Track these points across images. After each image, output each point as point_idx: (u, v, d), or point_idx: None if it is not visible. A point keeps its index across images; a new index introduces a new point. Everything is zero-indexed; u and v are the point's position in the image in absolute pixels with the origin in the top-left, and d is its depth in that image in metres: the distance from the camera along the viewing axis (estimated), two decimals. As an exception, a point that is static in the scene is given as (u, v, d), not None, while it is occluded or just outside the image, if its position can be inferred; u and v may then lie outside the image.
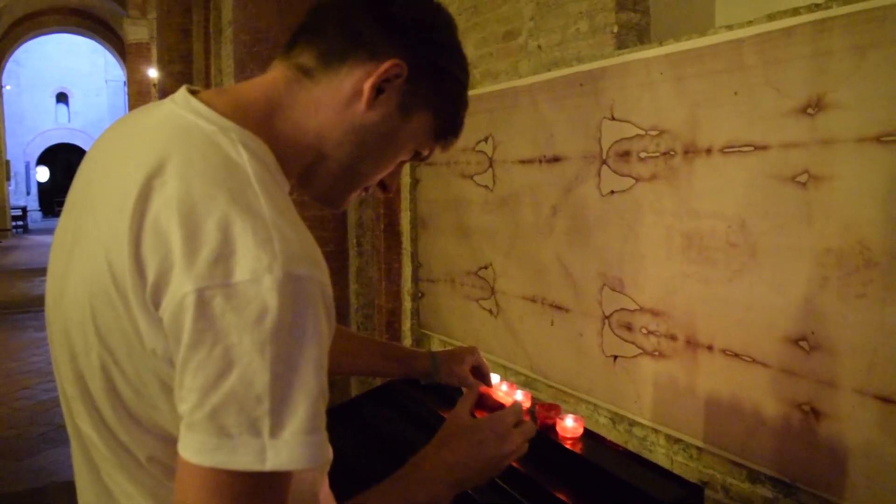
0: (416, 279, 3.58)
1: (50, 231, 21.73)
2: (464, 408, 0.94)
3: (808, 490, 1.69)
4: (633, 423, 2.25)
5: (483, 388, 1.01)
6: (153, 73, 9.00)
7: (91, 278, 0.71)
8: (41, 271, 12.65)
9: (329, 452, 0.71)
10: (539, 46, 2.59)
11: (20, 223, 20.65)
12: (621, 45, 2.21)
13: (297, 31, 0.84)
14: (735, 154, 1.79)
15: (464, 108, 0.90)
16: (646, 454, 2.22)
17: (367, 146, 0.82)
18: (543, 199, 2.54)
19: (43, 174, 28.38)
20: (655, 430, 2.15)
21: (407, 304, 3.65)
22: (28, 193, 26.37)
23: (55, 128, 26.68)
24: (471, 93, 2.85)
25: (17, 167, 24.82)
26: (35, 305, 9.11)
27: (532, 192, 2.61)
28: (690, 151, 1.92)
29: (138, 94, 11.83)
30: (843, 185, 1.56)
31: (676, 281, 2.00)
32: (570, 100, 2.36)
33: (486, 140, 2.88)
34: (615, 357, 2.26)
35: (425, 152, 0.89)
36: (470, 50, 3.02)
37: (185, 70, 7.87)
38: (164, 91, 8.38)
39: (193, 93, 0.79)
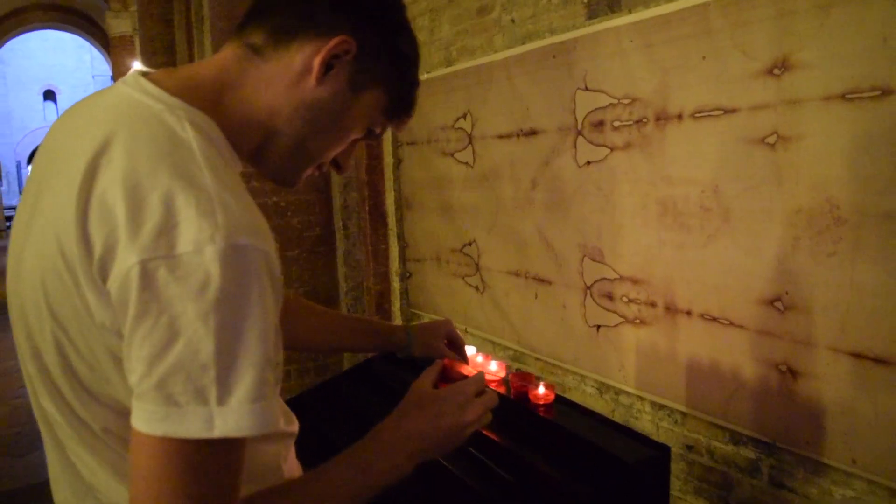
0: (403, 259, 3.59)
1: (44, 229, 21.74)
2: (426, 379, 0.95)
3: (788, 449, 1.71)
4: (618, 392, 2.27)
5: (447, 361, 1.02)
6: (137, 65, 8.96)
7: (42, 256, 0.72)
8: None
9: (278, 420, 0.71)
10: (512, 20, 2.57)
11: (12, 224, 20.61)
12: (592, 15, 2.20)
13: (249, 11, 0.85)
14: (705, 119, 1.79)
15: (415, 86, 0.90)
16: (632, 422, 2.24)
17: (318, 122, 0.83)
18: (522, 173, 2.55)
19: (34, 173, 28.29)
20: (641, 398, 2.17)
21: (395, 284, 3.66)
22: (20, 193, 26.24)
23: (44, 126, 26.47)
24: (447, 70, 2.84)
25: (7, 167, 24.77)
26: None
27: (511, 166, 2.61)
28: (662, 118, 1.92)
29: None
30: (811, 145, 1.56)
31: (654, 248, 2.01)
32: (544, 72, 2.36)
33: (464, 117, 2.87)
34: (598, 327, 2.27)
35: (378, 130, 0.90)
36: (446, 27, 3.01)
37: (168, 61, 7.81)
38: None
39: (146, 74, 0.80)
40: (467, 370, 1.26)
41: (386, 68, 0.85)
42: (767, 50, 1.62)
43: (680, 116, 1.86)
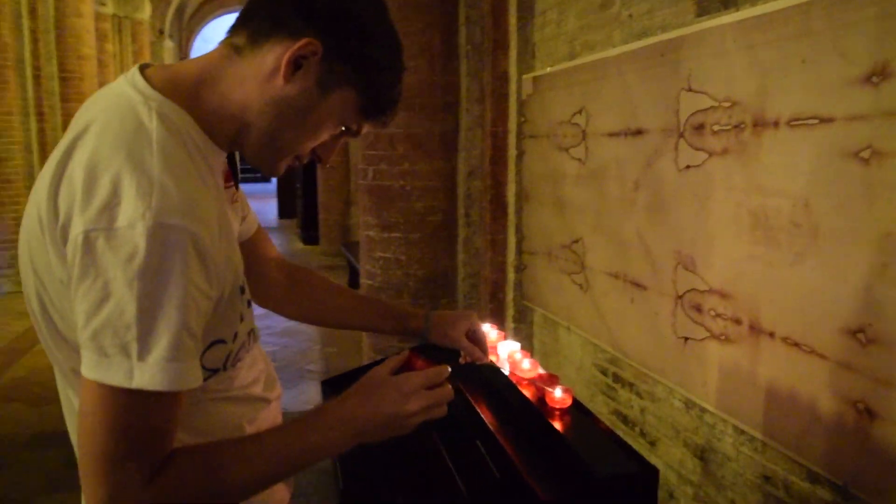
0: (519, 251, 3.59)
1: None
2: (386, 365, 0.99)
3: (857, 496, 1.57)
4: (703, 410, 2.16)
5: (413, 355, 1.04)
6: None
7: (30, 219, 0.87)
8: (219, 233, 13.88)
9: (191, 381, 0.81)
10: (630, 16, 2.49)
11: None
12: (702, 12, 2.08)
13: (239, 16, 0.93)
14: (801, 127, 1.66)
15: (389, 88, 0.94)
16: (714, 443, 2.14)
17: (286, 117, 0.90)
18: (627, 174, 2.47)
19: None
20: (724, 420, 2.06)
21: (510, 275, 3.67)
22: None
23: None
24: (568, 65, 2.83)
25: (206, 137, 27.15)
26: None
27: (617, 165, 2.54)
28: (759, 124, 1.79)
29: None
30: (907, 163, 1.40)
31: (743, 262, 1.89)
32: (653, 70, 2.27)
33: (580, 112, 2.82)
34: (686, 339, 2.17)
35: (354, 127, 0.95)
36: (571, 21, 2.96)
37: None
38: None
39: (147, 67, 0.91)
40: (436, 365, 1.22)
41: (355, 71, 0.89)
42: (866, 55, 1.46)
43: (776, 123, 1.73)
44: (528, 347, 3.61)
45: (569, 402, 1.31)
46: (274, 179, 19.06)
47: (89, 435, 0.78)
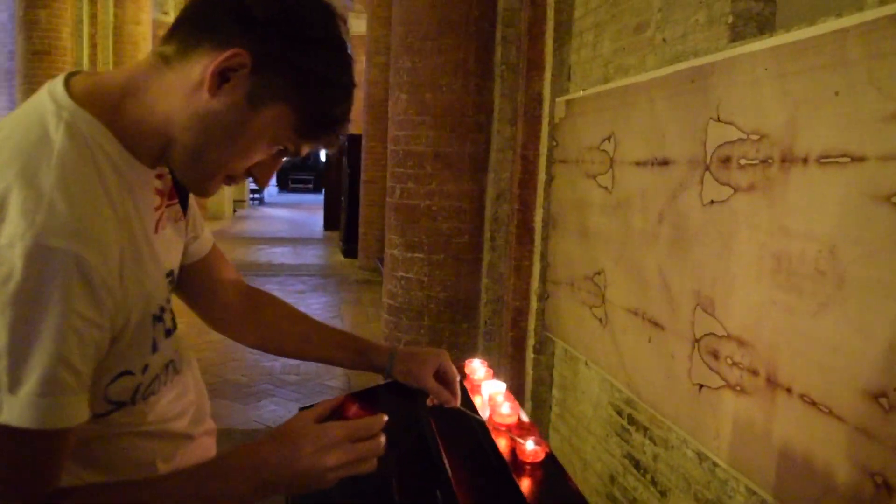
0: (543, 279, 3.46)
1: (283, 204, 24.01)
2: (312, 411, 0.88)
3: (874, 577, 1.40)
4: (716, 464, 2.00)
5: (348, 400, 0.93)
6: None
7: None
8: (263, 240, 14.05)
9: (67, 418, 0.72)
10: (664, 40, 2.37)
11: (257, 196, 23.05)
12: (737, 37, 1.95)
13: (173, 23, 0.85)
14: (831, 165, 1.51)
15: (330, 105, 0.85)
16: (725, 500, 1.98)
17: (212, 133, 0.82)
18: (651, 205, 2.34)
19: (282, 153, 31.40)
20: (736, 477, 1.90)
21: (534, 303, 3.54)
22: (269, 170, 29.31)
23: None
24: (598, 89, 2.73)
25: (259, 146, 27.67)
26: (251, 269, 10.14)
27: (642, 196, 2.41)
28: (787, 160, 1.65)
29: (359, 86, 12.61)
30: (943, 211, 1.25)
31: (764, 308, 1.74)
32: (682, 97, 2.14)
33: (608, 139, 2.70)
34: (700, 386, 2.02)
35: (291, 147, 0.86)
36: (607, 44, 2.85)
37: (388, 61, 8.25)
38: (370, 82, 8.84)
39: (73, 75, 0.84)
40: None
41: (289, 85, 0.81)
42: (904, 90, 1.32)
43: (805, 160, 1.59)
44: (547, 380, 3.48)
45: (541, 456, 1.20)
46: (322, 191, 19.18)
47: None
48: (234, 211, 19.10)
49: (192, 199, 1.09)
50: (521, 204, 3.54)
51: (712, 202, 1.96)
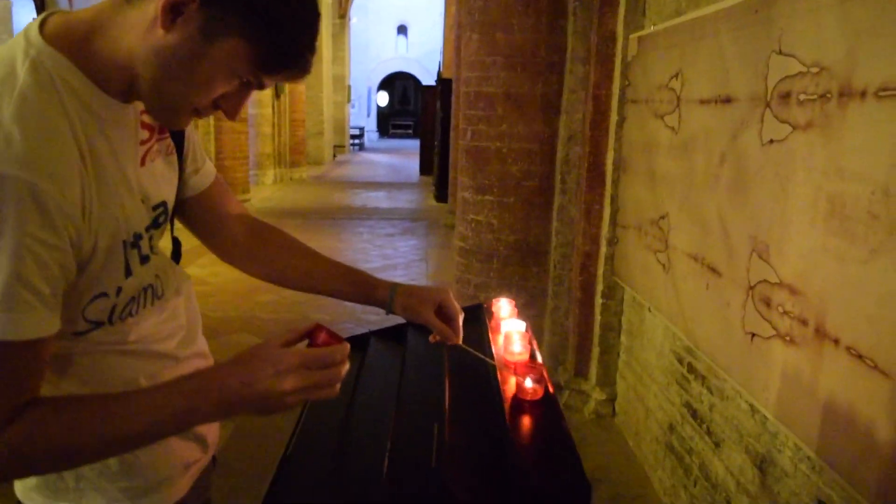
0: (613, 223, 3.37)
1: (383, 150, 24.31)
2: (278, 337, 0.90)
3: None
4: (767, 417, 1.93)
5: (318, 328, 0.94)
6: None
7: None
8: (360, 185, 14.31)
9: (23, 331, 0.76)
10: (734, -34, 2.20)
11: (357, 141, 23.42)
12: (803, -41, 1.79)
13: None
14: (889, 99, 1.38)
15: (286, 37, 0.83)
16: (774, 454, 1.91)
17: (170, 67, 0.83)
18: (714, 146, 2.22)
19: (382, 98, 31.62)
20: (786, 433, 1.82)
21: (603, 248, 3.46)
22: (368, 115, 29.68)
23: (394, 57, 29.34)
24: (666, 24, 2.61)
25: (360, 91, 27.97)
26: (344, 213, 10.39)
27: (706, 137, 2.29)
28: (845, 94, 1.52)
29: (451, 28, 12.46)
30: None
31: (816, 254, 1.63)
32: (746, 30, 1.99)
33: (676, 77, 2.56)
34: (753, 335, 1.93)
35: (251, 79, 0.86)
36: (679, -27, 2.68)
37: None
38: (461, 24, 8.71)
39: (51, 15, 0.87)
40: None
41: (239, 18, 0.80)
42: (966, 12, 1.18)
43: (863, 94, 1.46)
44: (615, 326, 3.42)
45: (539, 394, 1.18)
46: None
47: None
48: (335, 156, 19.51)
49: (190, 133, 1.12)
50: (593, 146, 3.43)
51: (771, 141, 1.84)
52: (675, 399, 2.69)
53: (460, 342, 1.25)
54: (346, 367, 0.90)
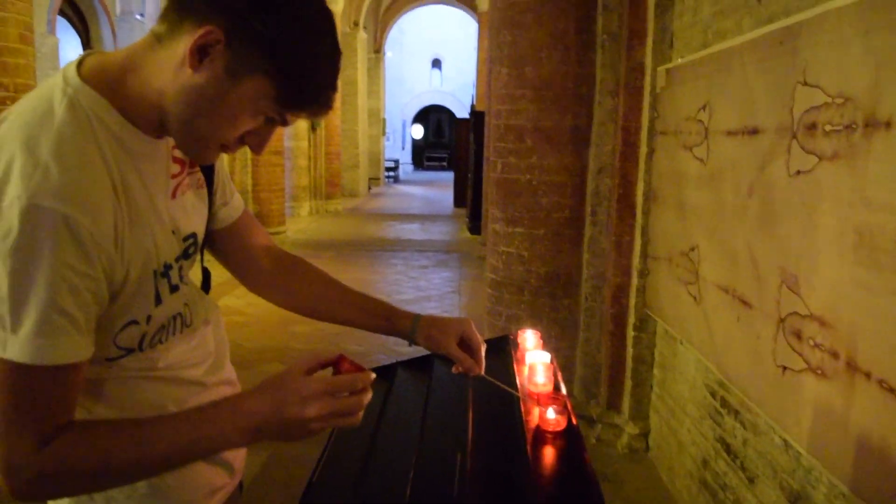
0: (644, 255, 3.36)
1: (417, 182, 24.51)
2: (303, 364, 0.93)
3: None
4: (801, 452, 1.89)
5: (342, 358, 0.96)
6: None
7: None
8: (394, 217, 14.43)
9: (58, 357, 0.81)
10: (759, 0, 2.22)
11: (392, 174, 23.66)
12: (827, -9, 1.80)
13: (165, 4, 0.91)
14: (913, 130, 1.38)
15: (308, 75, 0.87)
16: (809, 491, 1.87)
17: (198, 106, 0.88)
18: (742, 177, 2.21)
19: (417, 131, 31.96)
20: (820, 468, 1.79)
21: (635, 279, 3.45)
22: (403, 148, 30.03)
23: (429, 90, 29.72)
24: (693, 56, 2.64)
25: (394, 124, 28.35)
26: (378, 245, 10.48)
27: (733, 168, 2.28)
28: (870, 124, 1.52)
29: (483, 62, 12.59)
30: None
31: (845, 286, 1.61)
32: (771, 61, 2.00)
33: (703, 108, 2.57)
34: (784, 369, 1.90)
35: (275, 116, 0.90)
36: (706, 8, 2.70)
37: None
38: (491, 59, 8.79)
39: (89, 55, 0.93)
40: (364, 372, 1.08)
41: (262, 57, 0.85)
42: None
43: (888, 124, 1.45)
44: (648, 359, 3.39)
45: (562, 425, 1.19)
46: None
47: None
48: (370, 188, 19.73)
49: (219, 167, 1.16)
50: (623, 178, 3.44)
51: (798, 172, 1.84)
52: (709, 433, 2.65)
53: (483, 373, 1.26)
54: (369, 395, 0.93)
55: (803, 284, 1.81)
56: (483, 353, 1.27)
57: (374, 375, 0.93)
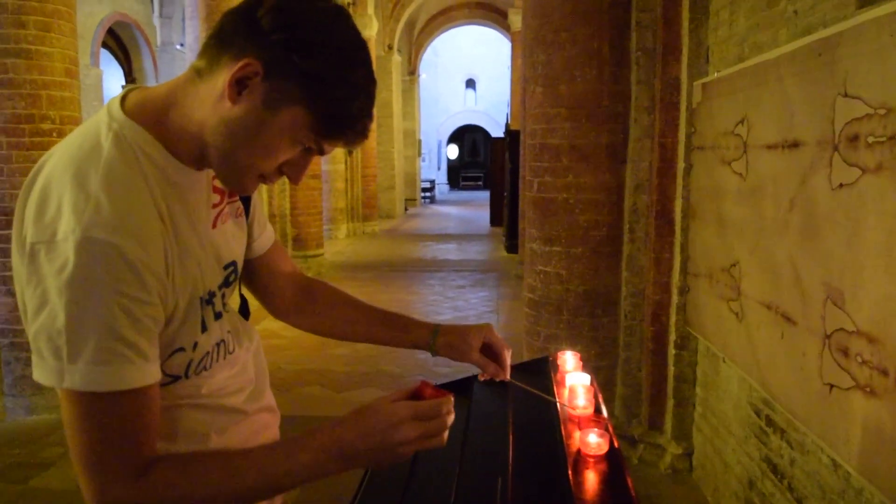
0: (684, 272, 3.32)
1: (454, 202, 24.58)
2: (389, 395, 0.95)
3: None
4: (850, 472, 1.84)
5: (424, 384, 0.98)
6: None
7: (12, 235, 0.93)
8: (431, 237, 14.48)
9: (125, 382, 0.83)
10: (795, 12, 2.19)
11: (428, 194, 23.77)
12: (864, 3, 1.77)
13: (205, 41, 0.94)
14: (959, 140, 1.34)
15: (342, 104, 0.89)
16: (861, 511, 1.81)
17: (237, 137, 0.90)
18: (783, 191, 2.18)
19: (452, 151, 32.11)
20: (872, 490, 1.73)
21: (675, 297, 3.40)
22: (438, 168, 30.18)
23: (463, 110, 29.90)
24: (730, 70, 2.64)
25: (430, 145, 28.54)
26: (416, 266, 10.52)
27: (774, 182, 2.25)
28: (915, 136, 1.49)
29: (517, 81, 12.62)
30: None
31: (893, 301, 1.57)
32: (810, 73, 1.97)
33: (742, 122, 2.54)
34: (831, 387, 1.86)
35: (312, 146, 0.92)
36: (741, 21, 2.68)
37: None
38: (525, 78, 8.83)
39: (133, 90, 0.96)
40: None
41: (299, 88, 0.87)
42: None
43: (933, 135, 1.42)
44: (690, 377, 3.34)
45: (604, 449, 1.17)
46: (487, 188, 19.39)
47: (71, 439, 0.85)
48: (406, 209, 19.85)
49: (255, 199, 1.19)
50: (660, 194, 3.41)
51: (841, 185, 1.80)
52: (754, 453, 2.59)
53: (508, 377, 1.26)
54: (452, 416, 0.95)
55: (849, 300, 1.77)
56: (508, 358, 1.28)
57: (452, 397, 0.96)
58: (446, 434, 0.95)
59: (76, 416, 0.84)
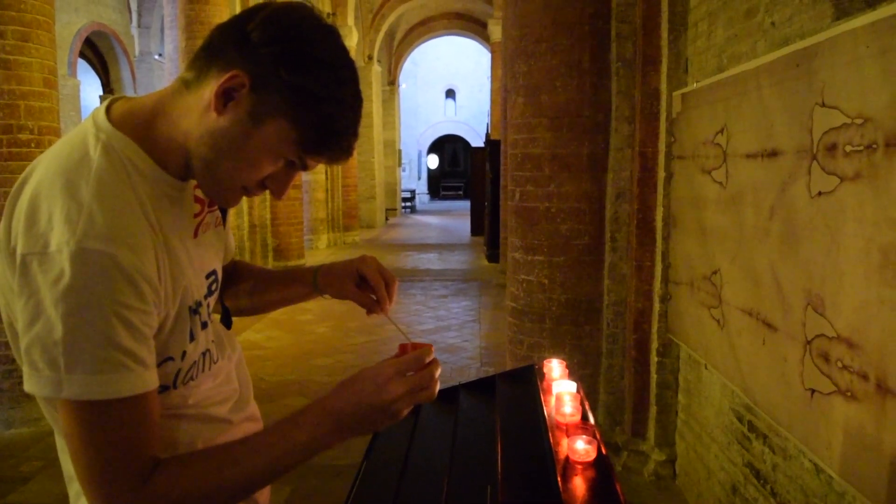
0: (665, 280, 3.35)
1: (434, 212, 24.59)
2: (385, 361, 0.95)
3: None
4: (833, 476, 1.86)
5: (402, 346, 0.97)
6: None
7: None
8: (412, 247, 14.46)
9: (125, 389, 0.83)
10: (773, 23, 2.23)
11: (409, 204, 23.77)
12: (841, 14, 1.81)
13: (195, 53, 0.94)
14: (935, 149, 1.37)
15: (328, 120, 0.89)
16: (843, 515, 1.83)
17: (222, 148, 0.90)
18: (763, 200, 2.21)
19: (433, 161, 32.17)
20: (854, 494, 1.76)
21: (657, 305, 3.43)
22: (419, 178, 30.22)
23: (443, 120, 30.01)
24: (709, 80, 2.65)
25: (410, 155, 28.58)
26: (397, 275, 10.48)
27: (754, 190, 2.28)
28: (892, 144, 1.52)
29: (497, 91, 12.70)
30: None
31: (872, 307, 1.60)
32: (788, 84, 2.01)
33: (721, 132, 2.58)
34: (812, 392, 1.88)
35: (296, 160, 0.92)
36: (720, 32, 2.73)
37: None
38: (506, 89, 8.90)
39: (117, 100, 0.96)
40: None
41: (285, 102, 0.87)
42: None
43: (909, 144, 1.45)
44: (672, 385, 3.36)
45: (592, 456, 1.18)
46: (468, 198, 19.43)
47: (73, 450, 0.85)
48: (387, 219, 19.83)
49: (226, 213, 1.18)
50: (641, 203, 3.44)
51: (820, 193, 1.83)
52: (737, 459, 2.61)
53: (388, 312, 1.22)
54: (439, 367, 0.96)
55: (829, 306, 1.80)
56: (385, 291, 1.22)
57: (432, 346, 0.98)
58: (437, 387, 0.96)
59: (77, 426, 0.83)
